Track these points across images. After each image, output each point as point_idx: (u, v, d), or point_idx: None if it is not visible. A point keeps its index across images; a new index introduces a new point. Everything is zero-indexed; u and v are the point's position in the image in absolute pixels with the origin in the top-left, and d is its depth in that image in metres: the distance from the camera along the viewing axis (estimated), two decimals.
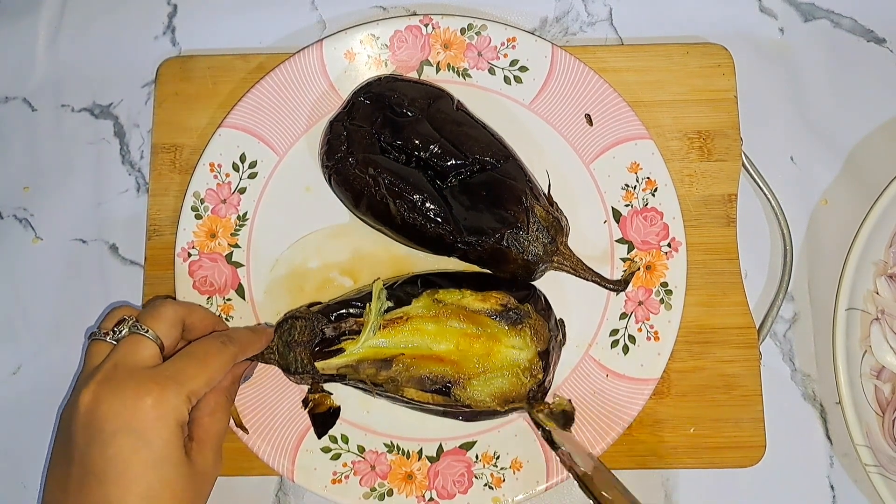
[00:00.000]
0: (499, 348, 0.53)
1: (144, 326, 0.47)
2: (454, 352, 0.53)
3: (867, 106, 0.64)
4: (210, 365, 0.47)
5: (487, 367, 0.53)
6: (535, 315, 0.54)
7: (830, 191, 0.63)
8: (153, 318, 0.48)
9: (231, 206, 0.59)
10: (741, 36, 0.65)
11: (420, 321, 0.53)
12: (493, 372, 0.53)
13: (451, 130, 0.56)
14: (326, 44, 0.60)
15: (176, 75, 0.63)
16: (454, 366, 0.53)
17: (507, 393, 0.53)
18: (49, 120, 0.65)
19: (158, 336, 0.47)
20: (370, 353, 0.53)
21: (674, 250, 0.58)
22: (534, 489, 0.55)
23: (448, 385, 0.53)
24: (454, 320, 0.53)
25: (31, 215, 0.64)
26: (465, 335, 0.53)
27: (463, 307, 0.54)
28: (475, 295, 0.54)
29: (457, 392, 0.53)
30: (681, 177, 0.61)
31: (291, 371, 0.54)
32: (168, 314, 0.49)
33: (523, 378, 0.53)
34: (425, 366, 0.53)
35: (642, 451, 0.58)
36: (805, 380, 0.61)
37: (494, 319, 0.53)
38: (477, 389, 0.53)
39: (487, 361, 0.53)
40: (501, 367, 0.53)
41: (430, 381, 0.53)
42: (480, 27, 0.60)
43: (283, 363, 0.54)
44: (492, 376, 0.53)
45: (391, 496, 0.56)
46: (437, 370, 0.53)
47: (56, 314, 0.62)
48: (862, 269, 0.58)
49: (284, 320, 0.55)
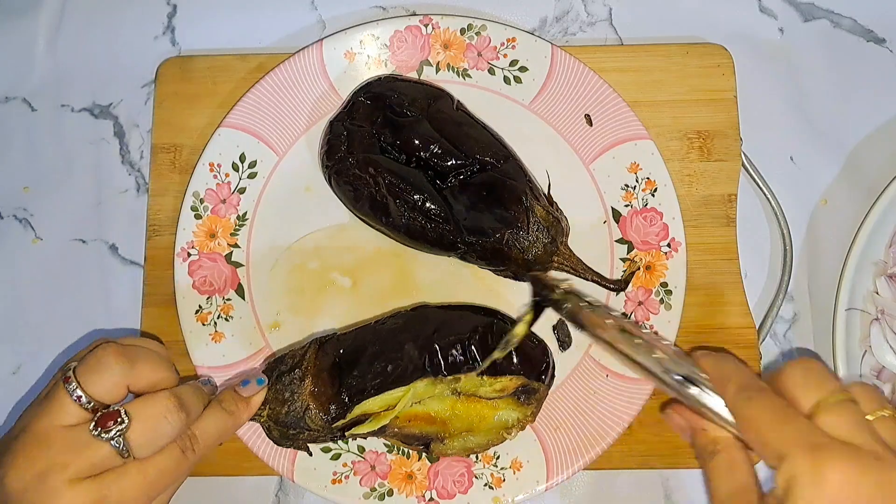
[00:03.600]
0: (494, 412, 0.53)
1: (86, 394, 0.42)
2: (447, 411, 0.52)
3: (867, 106, 0.64)
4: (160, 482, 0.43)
5: (474, 428, 0.53)
6: (544, 389, 0.54)
7: (830, 191, 0.63)
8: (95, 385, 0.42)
9: (231, 206, 0.59)
10: (741, 36, 0.65)
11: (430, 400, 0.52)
12: (478, 432, 0.53)
13: (451, 130, 0.56)
14: (326, 44, 0.60)
15: (175, 75, 0.63)
16: (442, 425, 0.52)
17: (482, 447, 0.54)
18: (49, 120, 0.65)
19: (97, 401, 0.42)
20: None
21: (673, 250, 0.58)
22: (534, 489, 0.55)
23: (429, 441, 0.53)
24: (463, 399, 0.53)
25: (31, 215, 0.64)
26: (468, 400, 0.53)
27: (477, 394, 0.52)
28: (494, 384, 0.52)
29: (434, 447, 0.53)
30: (680, 177, 0.61)
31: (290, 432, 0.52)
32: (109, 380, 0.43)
33: (505, 435, 0.53)
34: (416, 425, 0.52)
35: (642, 451, 0.58)
36: None
37: (505, 397, 0.53)
38: (454, 445, 0.53)
39: (478, 424, 0.53)
40: (489, 429, 0.53)
41: (414, 438, 0.53)
42: (480, 27, 0.60)
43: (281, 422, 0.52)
44: (474, 436, 0.53)
45: (391, 496, 0.55)
46: (424, 429, 0.52)
47: (56, 314, 0.62)
48: (862, 269, 0.58)
49: (278, 373, 0.52)
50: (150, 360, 0.45)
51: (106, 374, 0.43)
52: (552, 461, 0.56)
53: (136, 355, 0.44)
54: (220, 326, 0.58)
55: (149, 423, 0.42)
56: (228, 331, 0.58)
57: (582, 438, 0.56)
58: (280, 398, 0.51)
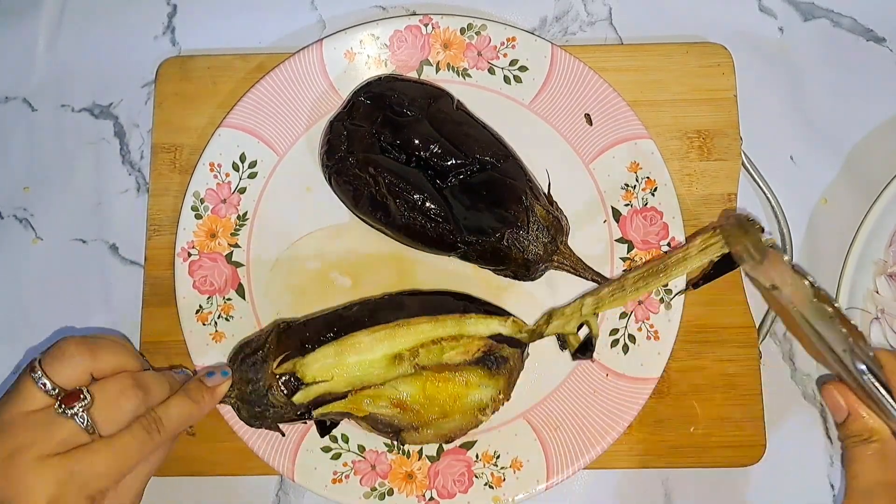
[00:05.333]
0: (467, 391, 0.52)
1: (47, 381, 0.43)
2: (420, 395, 0.51)
3: (867, 105, 0.64)
4: (126, 458, 0.44)
5: (448, 411, 0.52)
6: (514, 357, 0.53)
7: (830, 190, 0.63)
8: (59, 373, 0.44)
9: (231, 206, 0.59)
10: (741, 35, 0.65)
11: (396, 380, 0.52)
12: (453, 415, 0.52)
13: (450, 130, 0.56)
14: (326, 44, 0.60)
15: (176, 75, 0.63)
16: (414, 414, 0.52)
17: (458, 432, 0.53)
18: (49, 120, 0.65)
19: (60, 388, 0.43)
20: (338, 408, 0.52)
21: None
22: (534, 488, 0.55)
23: (399, 430, 0.52)
24: (432, 379, 0.52)
25: (31, 215, 0.64)
26: (436, 379, 0.52)
27: (443, 363, 0.52)
28: (455, 346, 0.52)
29: (405, 436, 0.52)
30: (680, 176, 0.61)
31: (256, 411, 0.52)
32: (71, 370, 0.44)
33: (481, 416, 0.52)
34: (388, 412, 0.52)
35: (642, 451, 0.58)
36: (805, 379, 0.61)
37: (473, 367, 0.52)
38: (427, 433, 0.52)
39: (452, 406, 0.52)
40: (463, 410, 0.52)
41: (385, 425, 0.52)
42: (480, 27, 0.60)
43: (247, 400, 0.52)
44: (448, 420, 0.52)
45: (391, 496, 0.56)
46: (397, 417, 0.52)
47: (56, 314, 0.62)
48: (862, 269, 0.58)
49: (240, 356, 0.53)
50: (111, 348, 0.47)
51: (68, 362, 0.44)
52: (552, 461, 0.56)
53: (97, 344, 0.46)
54: (221, 326, 0.58)
55: (111, 399, 0.44)
56: (229, 331, 0.58)
57: (582, 438, 0.56)
58: (245, 378, 0.52)
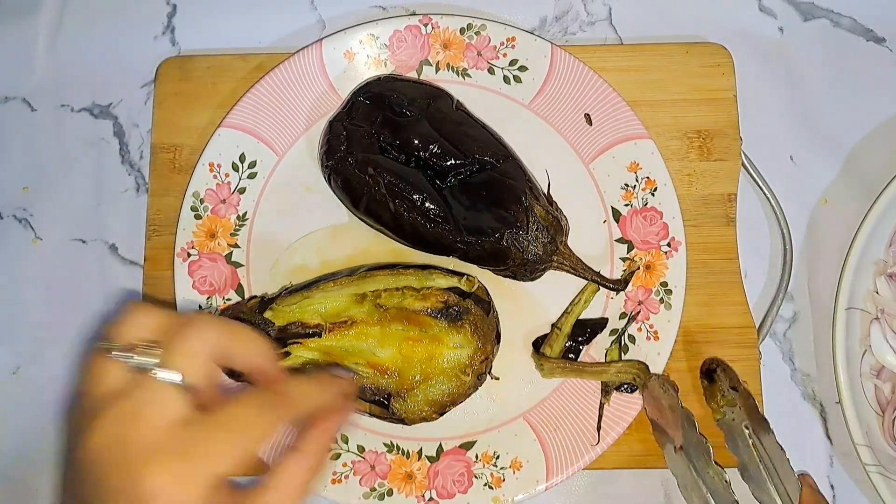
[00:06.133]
0: (441, 350, 0.53)
1: (174, 371, 0.37)
2: (397, 357, 0.53)
3: (867, 105, 0.64)
4: (248, 437, 0.38)
5: (429, 372, 0.53)
6: (476, 309, 0.54)
7: (830, 190, 0.63)
8: (183, 358, 0.38)
9: (231, 206, 0.59)
10: (741, 35, 0.65)
11: (364, 326, 0.53)
12: (435, 377, 0.53)
13: (450, 130, 0.56)
14: (326, 44, 0.60)
15: (175, 75, 0.63)
16: (396, 377, 0.53)
17: (448, 397, 0.54)
18: (49, 120, 0.65)
19: (190, 383, 0.37)
20: (318, 356, 0.53)
21: (673, 250, 0.58)
22: (534, 489, 0.55)
23: (387, 397, 0.53)
24: (397, 323, 0.53)
25: (30, 215, 0.64)
26: (408, 339, 0.53)
27: (404, 308, 0.54)
28: (415, 295, 0.54)
29: (395, 405, 0.53)
30: (680, 176, 0.61)
31: None
32: (202, 352, 0.38)
33: (463, 377, 0.53)
34: (368, 376, 0.53)
35: (642, 451, 0.58)
36: (805, 379, 0.61)
37: (436, 318, 0.53)
38: (417, 400, 0.53)
39: (430, 366, 0.53)
40: (443, 371, 0.53)
41: (370, 391, 0.53)
42: (480, 27, 0.60)
43: None
44: (433, 383, 0.53)
45: (391, 496, 0.56)
46: (378, 382, 0.53)
47: (56, 314, 0.62)
48: (862, 269, 0.58)
49: None
50: (247, 339, 0.42)
51: (202, 354, 0.39)
52: (552, 461, 0.56)
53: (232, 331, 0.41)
54: None
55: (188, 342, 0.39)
56: None
57: (582, 438, 0.56)
58: None
